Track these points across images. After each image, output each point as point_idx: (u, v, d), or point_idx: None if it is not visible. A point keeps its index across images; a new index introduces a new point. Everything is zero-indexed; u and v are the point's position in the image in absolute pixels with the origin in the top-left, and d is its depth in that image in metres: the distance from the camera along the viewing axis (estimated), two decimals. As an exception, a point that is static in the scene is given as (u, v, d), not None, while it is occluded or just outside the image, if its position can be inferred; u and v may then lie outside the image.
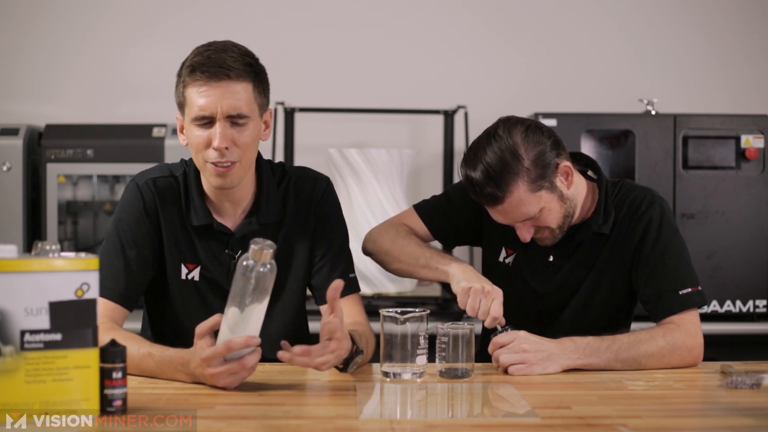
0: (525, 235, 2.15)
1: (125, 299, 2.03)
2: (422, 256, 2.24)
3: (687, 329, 2.09)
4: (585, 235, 2.22)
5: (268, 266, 1.72)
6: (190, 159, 2.13)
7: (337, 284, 1.83)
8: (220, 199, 2.09)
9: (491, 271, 2.30)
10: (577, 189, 2.20)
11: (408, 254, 2.27)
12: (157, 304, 2.14)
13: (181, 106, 2.02)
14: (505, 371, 1.97)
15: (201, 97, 1.95)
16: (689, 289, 2.14)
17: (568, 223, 2.19)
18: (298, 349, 1.79)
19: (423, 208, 2.39)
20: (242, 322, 1.73)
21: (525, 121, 2.13)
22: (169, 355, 1.83)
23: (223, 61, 1.95)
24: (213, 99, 1.94)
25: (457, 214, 2.34)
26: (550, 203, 2.12)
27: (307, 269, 2.15)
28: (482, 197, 2.11)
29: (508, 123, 2.12)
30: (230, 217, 2.10)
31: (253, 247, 1.71)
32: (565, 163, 2.14)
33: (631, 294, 2.25)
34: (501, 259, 2.30)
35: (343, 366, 1.92)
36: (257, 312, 1.74)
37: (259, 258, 1.71)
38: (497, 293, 2.05)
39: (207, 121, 1.96)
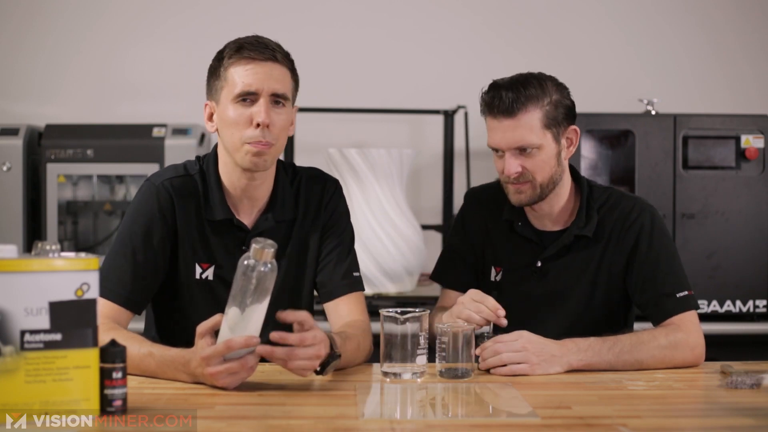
0: (511, 167, 2.16)
1: (130, 303, 2.02)
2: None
3: (688, 329, 2.11)
4: (569, 238, 2.24)
5: (269, 265, 1.72)
6: (206, 156, 2.14)
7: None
8: (239, 196, 2.09)
9: (484, 293, 2.29)
10: (566, 171, 2.26)
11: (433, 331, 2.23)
12: (166, 305, 2.13)
13: (217, 89, 2.03)
14: (488, 371, 1.96)
15: (248, 74, 1.99)
16: (685, 293, 2.17)
17: (549, 191, 2.21)
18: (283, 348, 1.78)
19: (438, 274, 2.41)
20: (242, 321, 1.73)
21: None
22: (170, 355, 1.83)
23: (269, 44, 2.03)
24: (260, 77, 1.99)
25: (465, 253, 2.36)
26: (548, 149, 2.17)
27: (316, 267, 2.16)
28: (499, 103, 2.14)
29: (541, 72, 2.23)
30: (247, 215, 2.11)
31: (254, 246, 1.71)
32: (574, 127, 2.23)
33: (627, 300, 2.26)
34: (492, 278, 2.32)
35: (320, 369, 1.87)
36: (258, 312, 1.74)
37: (260, 257, 1.71)
38: (479, 296, 2.05)
39: (249, 99, 1.99)
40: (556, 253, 2.25)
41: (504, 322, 2.03)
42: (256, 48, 2.00)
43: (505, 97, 2.14)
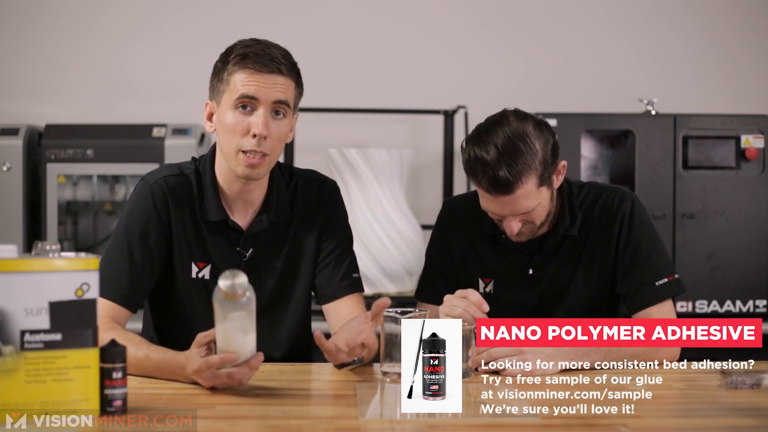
0: (513, 228, 2.12)
1: (129, 301, 2.02)
2: None
3: None
4: (555, 240, 2.22)
5: (245, 298, 1.67)
6: (202, 157, 2.14)
7: (383, 302, 1.84)
8: (234, 197, 2.09)
9: None
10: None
11: None
12: (162, 304, 2.13)
13: (219, 92, 2.02)
14: (492, 371, 1.96)
15: (250, 84, 1.98)
16: (665, 280, 2.16)
17: (547, 222, 2.18)
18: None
19: (421, 294, 2.36)
20: (233, 340, 1.70)
21: (533, 116, 2.12)
22: (167, 358, 1.82)
23: (275, 56, 2.00)
24: (261, 87, 1.98)
25: (445, 267, 2.32)
26: (545, 200, 2.13)
27: (313, 270, 2.16)
28: (494, 182, 2.05)
29: (518, 114, 2.11)
30: (241, 216, 2.11)
31: (222, 290, 1.65)
32: (563, 162, 2.16)
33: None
34: (481, 290, 2.28)
35: (340, 366, 1.92)
36: (244, 329, 1.70)
37: (232, 299, 1.66)
38: (464, 293, 2.04)
39: (250, 106, 1.98)
40: (545, 257, 2.24)
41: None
42: (260, 60, 1.98)
43: (496, 176, 2.04)
